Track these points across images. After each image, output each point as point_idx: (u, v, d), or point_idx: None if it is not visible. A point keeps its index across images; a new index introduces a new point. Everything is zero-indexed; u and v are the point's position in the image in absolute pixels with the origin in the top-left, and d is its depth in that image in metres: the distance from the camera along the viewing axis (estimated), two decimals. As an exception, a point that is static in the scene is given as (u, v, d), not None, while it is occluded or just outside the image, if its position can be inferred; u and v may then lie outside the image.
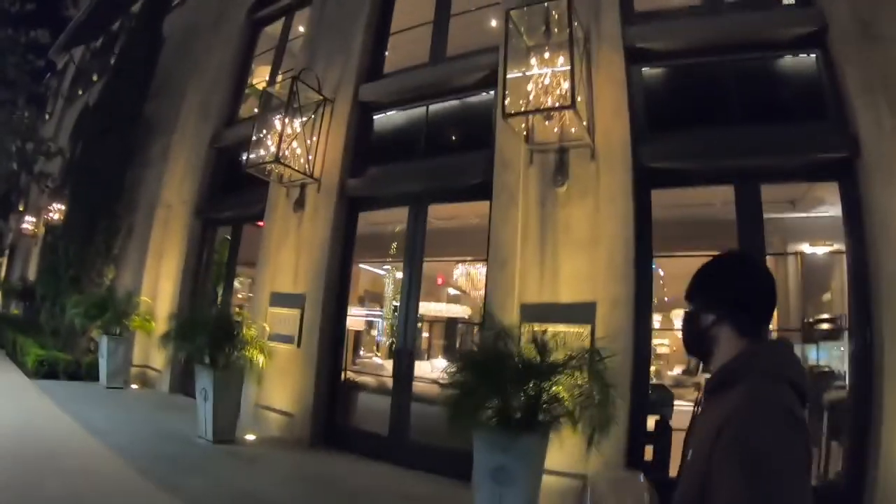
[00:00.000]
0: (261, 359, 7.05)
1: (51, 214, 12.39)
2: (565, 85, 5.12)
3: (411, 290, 7.19)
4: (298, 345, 7.51)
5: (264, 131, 7.81)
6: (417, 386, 6.94)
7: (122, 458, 5.65)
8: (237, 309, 7.69)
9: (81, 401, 8.01)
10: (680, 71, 5.90)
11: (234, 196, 9.41)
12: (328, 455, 6.81)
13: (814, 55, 5.33)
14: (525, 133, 5.68)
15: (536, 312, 5.28)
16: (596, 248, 5.23)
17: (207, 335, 6.74)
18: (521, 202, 5.71)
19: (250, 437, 7.12)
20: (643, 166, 5.35)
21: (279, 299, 7.88)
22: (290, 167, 7.51)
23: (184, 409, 8.35)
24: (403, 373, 7.02)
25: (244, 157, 9.59)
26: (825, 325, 7.17)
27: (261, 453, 6.59)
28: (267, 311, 7.87)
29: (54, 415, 7.06)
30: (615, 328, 4.95)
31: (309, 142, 7.75)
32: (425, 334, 11.24)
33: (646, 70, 5.85)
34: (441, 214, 8.11)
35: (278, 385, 7.36)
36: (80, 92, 16.01)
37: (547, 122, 5.53)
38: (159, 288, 9.90)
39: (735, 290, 1.42)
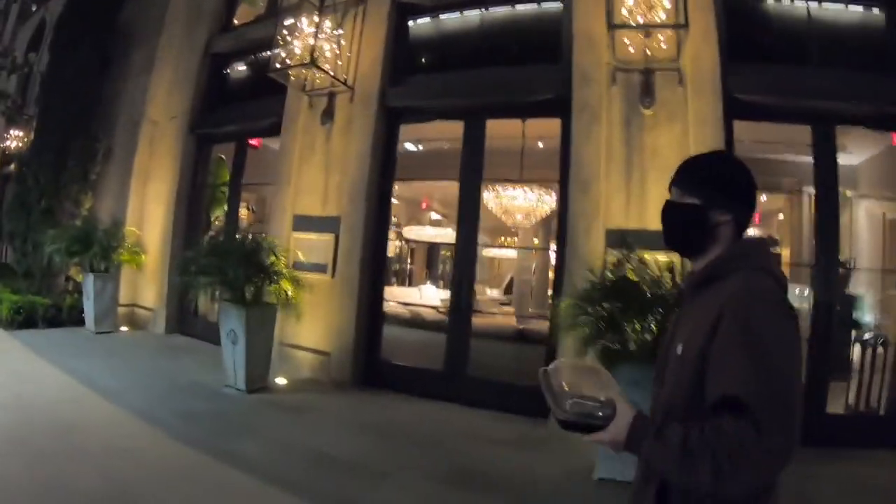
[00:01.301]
0: (291, 292, 5.87)
1: (8, 143, 10.48)
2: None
3: (468, 215, 6.15)
4: (333, 274, 6.36)
5: (285, 31, 6.39)
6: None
7: (151, 424, 4.62)
8: (261, 236, 6.38)
9: (74, 353, 6.70)
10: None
11: (235, 109, 7.98)
12: (376, 396, 5.95)
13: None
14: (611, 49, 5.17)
15: (623, 239, 4.69)
16: None
17: (239, 267, 5.49)
18: (604, 121, 5.18)
19: (281, 380, 6.04)
20: (729, 96, 5.01)
21: (305, 223, 6.68)
22: (326, 72, 6.20)
23: (191, 351, 7.23)
24: (463, 304, 5.98)
25: (243, 64, 8.28)
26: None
27: (304, 401, 5.63)
28: (290, 237, 6.62)
29: (50, 375, 5.74)
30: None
31: (337, 46, 6.47)
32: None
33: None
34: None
35: (309, 321, 6.24)
36: (35, 7, 13.66)
37: (644, 38, 5.05)
38: (147, 215, 8.49)
39: (745, 187, 1.38)
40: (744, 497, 1.13)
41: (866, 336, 5.63)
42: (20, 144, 10.03)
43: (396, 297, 9.49)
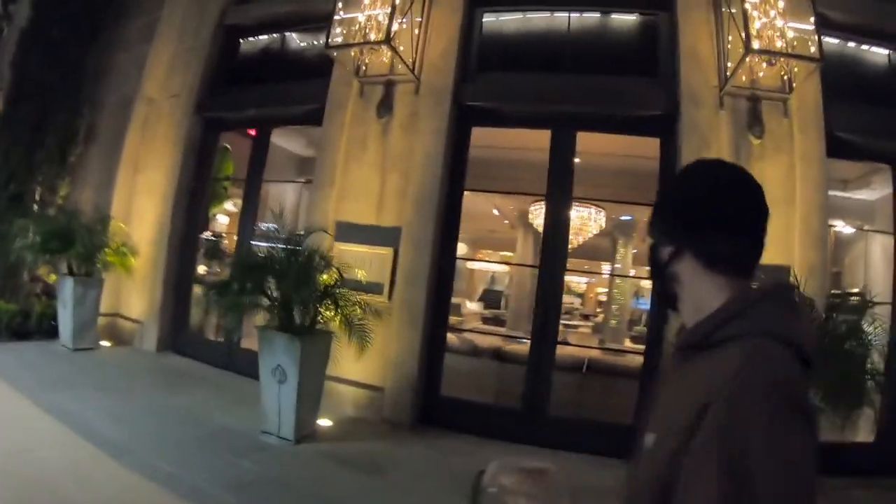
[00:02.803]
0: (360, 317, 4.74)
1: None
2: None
3: (556, 234, 5.33)
4: (390, 296, 5.19)
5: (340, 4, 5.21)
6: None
7: (187, 500, 3.42)
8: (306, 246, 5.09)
9: (54, 381, 5.24)
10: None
11: (254, 91, 6.62)
12: (444, 440, 4.96)
13: None
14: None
15: None
16: (790, 210, 4.67)
17: (298, 287, 4.26)
18: (713, 146, 4.78)
19: (324, 422, 4.87)
20: (831, 133, 4.87)
21: (352, 233, 5.49)
22: (399, 55, 5.14)
23: (198, 379, 5.99)
24: (547, 334, 5.02)
25: (265, 40, 6.87)
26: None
27: (368, 451, 4.52)
28: (332, 248, 5.38)
29: (30, 418, 4.33)
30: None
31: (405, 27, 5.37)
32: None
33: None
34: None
35: (357, 349, 5.02)
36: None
37: (769, 65, 4.77)
38: (136, 209, 7.00)
39: (696, 203, 0.96)
40: None
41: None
42: None
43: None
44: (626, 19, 5.65)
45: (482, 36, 5.75)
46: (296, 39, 6.68)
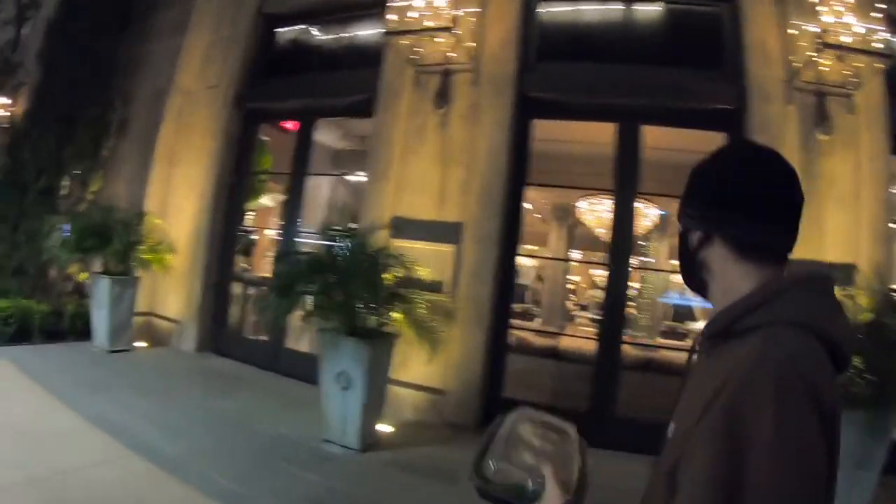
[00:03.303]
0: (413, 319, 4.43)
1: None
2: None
3: (622, 229, 5.10)
4: (452, 295, 4.88)
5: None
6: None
7: None
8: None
9: (93, 385, 4.88)
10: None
11: (297, 81, 6.29)
12: None
13: None
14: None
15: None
16: (857, 207, 4.54)
17: (368, 287, 3.96)
18: (783, 143, 4.52)
19: (385, 428, 4.55)
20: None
21: (410, 228, 5.15)
22: (462, 43, 4.78)
23: (244, 382, 5.68)
24: (613, 333, 4.84)
25: (308, 28, 6.53)
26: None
27: (439, 459, 4.18)
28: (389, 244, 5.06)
29: (72, 429, 3.93)
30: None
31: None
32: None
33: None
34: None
35: (417, 352, 4.72)
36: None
37: (839, 61, 4.52)
38: (172, 205, 6.65)
39: (728, 187, 0.90)
40: None
41: None
42: (6, 113, 7.67)
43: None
44: (688, 10, 5.35)
45: (540, 25, 5.44)
46: (339, 28, 6.34)
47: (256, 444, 4.07)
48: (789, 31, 4.63)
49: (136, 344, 6.20)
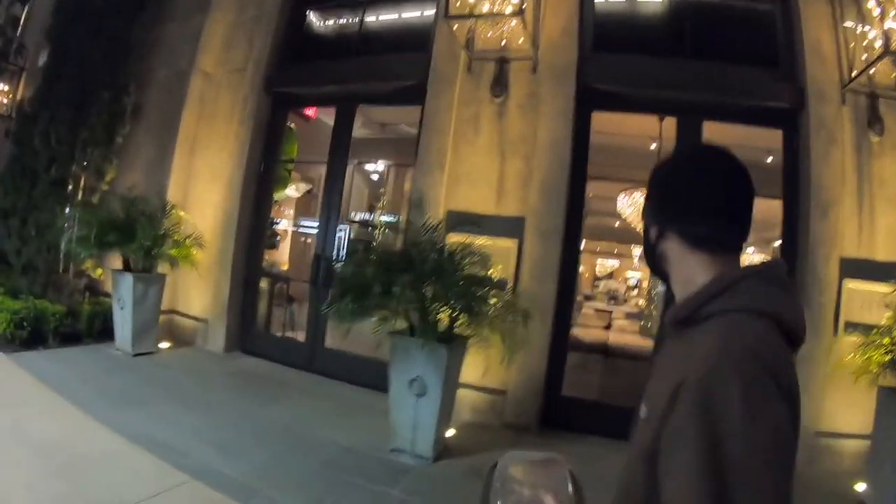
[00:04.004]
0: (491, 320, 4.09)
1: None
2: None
3: None
4: (514, 292, 4.59)
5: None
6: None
7: None
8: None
9: (122, 395, 4.39)
10: None
11: (332, 65, 5.83)
12: (578, 444, 4.34)
13: None
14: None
15: (854, 268, 4.38)
16: None
17: (447, 286, 3.64)
18: (839, 143, 4.51)
19: (447, 431, 4.23)
20: None
21: (468, 222, 4.75)
22: (526, 29, 4.48)
23: (284, 385, 5.21)
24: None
25: (344, 9, 6.05)
26: None
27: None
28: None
29: (113, 453, 3.41)
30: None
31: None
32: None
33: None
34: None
35: (473, 352, 4.43)
36: None
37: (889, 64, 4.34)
38: (194, 195, 6.14)
39: (680, 186, 1.00)
40: None
41: None
42: (5, 101, 6.92)
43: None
44: (747, 7, 5.14)
45: (596, 15, 5.13)
46: (378, 9, 5.89)
47: (320, 458, 3.69)
48: (843, 33, 4.52)
49: (162, 345, 5.67)
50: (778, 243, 5.02)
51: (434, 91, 5.07)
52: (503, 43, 4.90)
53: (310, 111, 6.90)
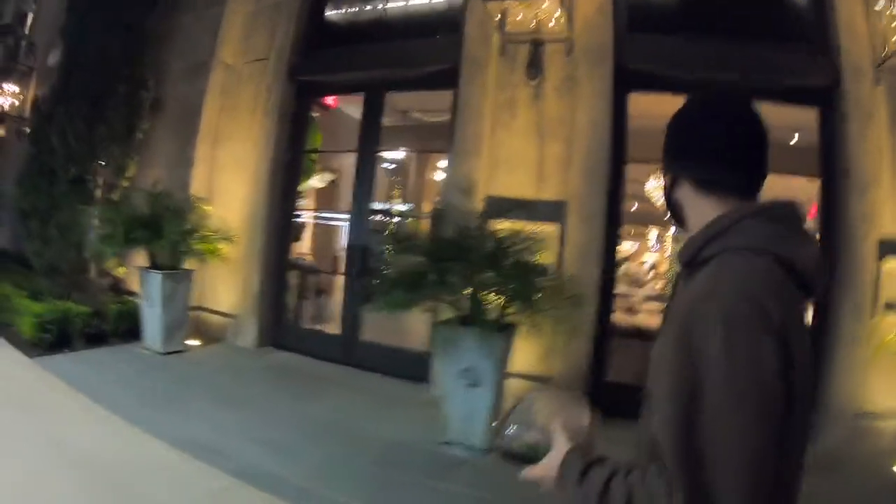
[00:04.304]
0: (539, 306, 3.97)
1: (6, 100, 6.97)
2: None
3: None
4: (560, 276, 4.46)
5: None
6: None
7: None
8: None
9: (157, 396, 4.23)
10: None
11: (356, 51, 5.63)
12: (624, 430, 4.02)
13: None
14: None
15: (893, 248, 4.20)
16: None
17: (503, 273, 3.53)
18: (875, 123, 4.31)
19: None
20: None
21: (508, 208, 4.62)
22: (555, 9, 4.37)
23: (322, 380, 5.04)
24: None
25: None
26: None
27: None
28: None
29: (160, 459, 3.27)
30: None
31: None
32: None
33: None
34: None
35: (523, 339, 4.29)
36: None
37: None
38: (219, 188, 5.95)
39: (689, 133, 0.99)
40: None
41: None
42: (15, 103, 6.67)
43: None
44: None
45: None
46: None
47: (372, 454, 3.56)
48: (875, 12, 4.30)
49: (189, 343, 5.50)
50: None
51: (468, 75, 4.91)
52: (534, 24, 4.73)
53: (330, 100, 6.70)
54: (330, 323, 6.32)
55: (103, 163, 5.53)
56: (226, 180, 5.88)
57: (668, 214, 1.09)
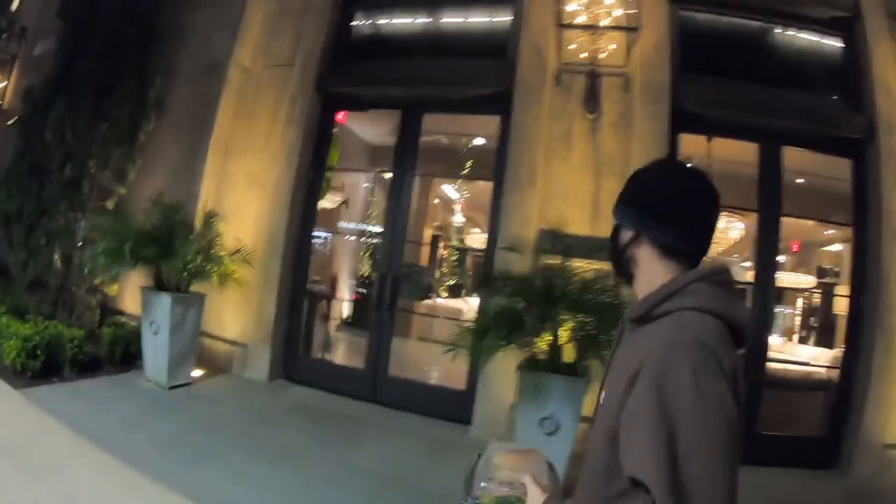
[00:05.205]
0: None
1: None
2: None
3: (767, 249, 4.77)
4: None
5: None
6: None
7: None
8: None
9: (175, 443, 3.59)
10: None
11: (390, 66, 5.20)
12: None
13: None
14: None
15: None
16: None
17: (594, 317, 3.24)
18: None
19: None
20: None
21: (561, 243, 4.33)
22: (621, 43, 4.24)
23: (353, 420, 4.58)
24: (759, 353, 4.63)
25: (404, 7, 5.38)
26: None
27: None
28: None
29: None
30: None
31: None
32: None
33: None
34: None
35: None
36: None
37: None
38: (228, 204, 5.23)
39: (660, 200, 1.05)
40: None
41: None
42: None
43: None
44: (818, 39, 5.02)
45: (682, 36, 4.84)
46: (446, 10, 5.28)
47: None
48: None
49: (195, 373, 4.78)
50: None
51: (522, 103, 4.59)
52: (593, 55, 4.51)
53: (339, 115, 6.15)
54: (333, 352, 5.75)
55: (102, 165, 4.69)
56: (237, 195, 5.23)
57: (614, 266, 1.14)
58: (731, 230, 6.45)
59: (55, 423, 3.53)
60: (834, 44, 4.93)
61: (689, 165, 1.12)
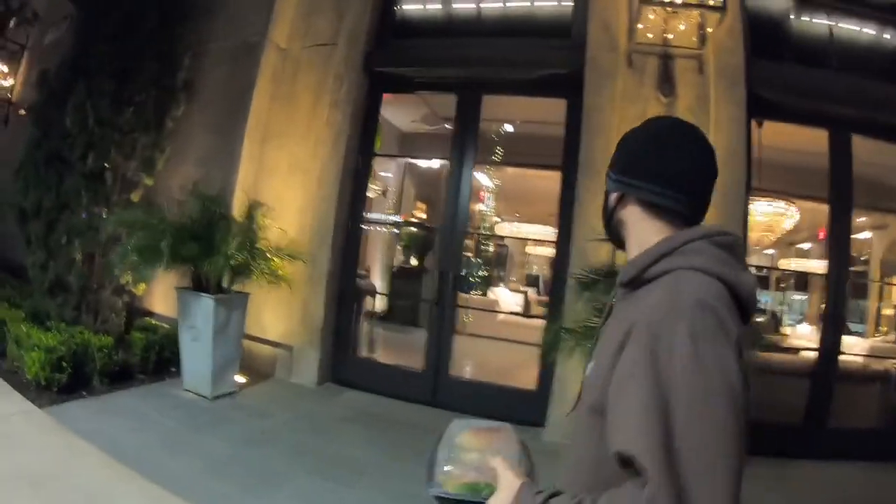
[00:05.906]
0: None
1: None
2: None
3: (839, 243, 4.46)
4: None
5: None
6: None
7: None
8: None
9: (234, 466, 3.07)
10: None
11: (446, 44, 4.67)
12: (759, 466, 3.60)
13: None
14: None
15: None
16: None
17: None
18: None
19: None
20: None
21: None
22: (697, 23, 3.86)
23: (416, 428, 3.96)
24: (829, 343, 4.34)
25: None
26: None
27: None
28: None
29: None
30: None
31: None
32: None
33: None
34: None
35: None
36: None
37: None
38: (268, 195, 4.61)
39: (641, 155, 0.94)
40: None
41: None
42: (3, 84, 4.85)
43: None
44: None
45: (752, 20, 4.51)
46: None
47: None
48: None
49: (237, 379, 4.22)
50: None
51: (593, 85, 4.18)
52: (665, 36, 4.13)
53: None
54: (383, 352, 5.25)
55: (128, 154, 4.06)
56: (277, 184, 4.67)
57: (606, 230, 1.03)
58: (785, 218, 6.09)
59: (88, 447, 2.97)
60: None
61: (683, 121, 0.96)
